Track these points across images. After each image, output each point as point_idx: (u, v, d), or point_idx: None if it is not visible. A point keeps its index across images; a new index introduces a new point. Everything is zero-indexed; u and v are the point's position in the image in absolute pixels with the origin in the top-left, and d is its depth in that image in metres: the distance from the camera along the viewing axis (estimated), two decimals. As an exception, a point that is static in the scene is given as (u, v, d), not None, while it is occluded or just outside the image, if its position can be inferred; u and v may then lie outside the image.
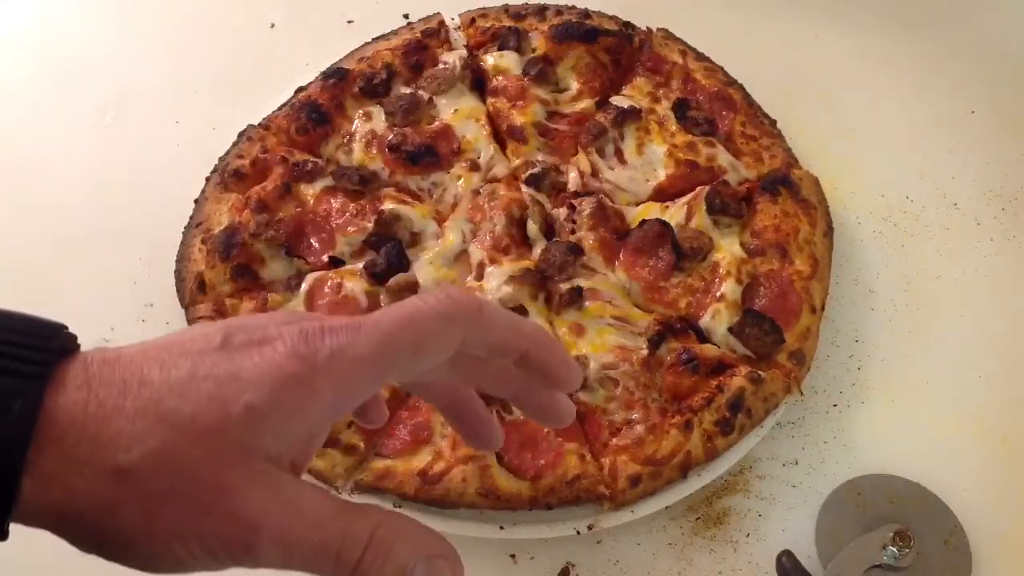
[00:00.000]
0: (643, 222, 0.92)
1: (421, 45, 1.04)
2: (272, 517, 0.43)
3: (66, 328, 0.45)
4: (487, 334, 0.51)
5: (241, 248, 0.90)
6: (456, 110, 1.00)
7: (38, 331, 0.43)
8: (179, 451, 0.41)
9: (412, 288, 0.88)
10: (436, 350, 0.48)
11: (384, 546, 0.45)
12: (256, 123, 1.01)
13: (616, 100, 1.01)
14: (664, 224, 0.91)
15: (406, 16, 1.12)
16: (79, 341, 0.45)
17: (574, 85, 1.03)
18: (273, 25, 1.17)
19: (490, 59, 1.04)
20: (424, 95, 1.00)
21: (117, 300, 0.95)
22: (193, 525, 0.42)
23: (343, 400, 0.46)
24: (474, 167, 0.97)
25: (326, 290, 0.89)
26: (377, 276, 0.89)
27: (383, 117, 0.99)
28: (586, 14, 1.07)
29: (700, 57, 1.05)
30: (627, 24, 1.07)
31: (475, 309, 0.50)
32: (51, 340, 0.43)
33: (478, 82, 1.04)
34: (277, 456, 0.44)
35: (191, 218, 0.95)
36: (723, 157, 0.97)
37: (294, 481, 0.45)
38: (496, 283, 0.88)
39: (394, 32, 1.08)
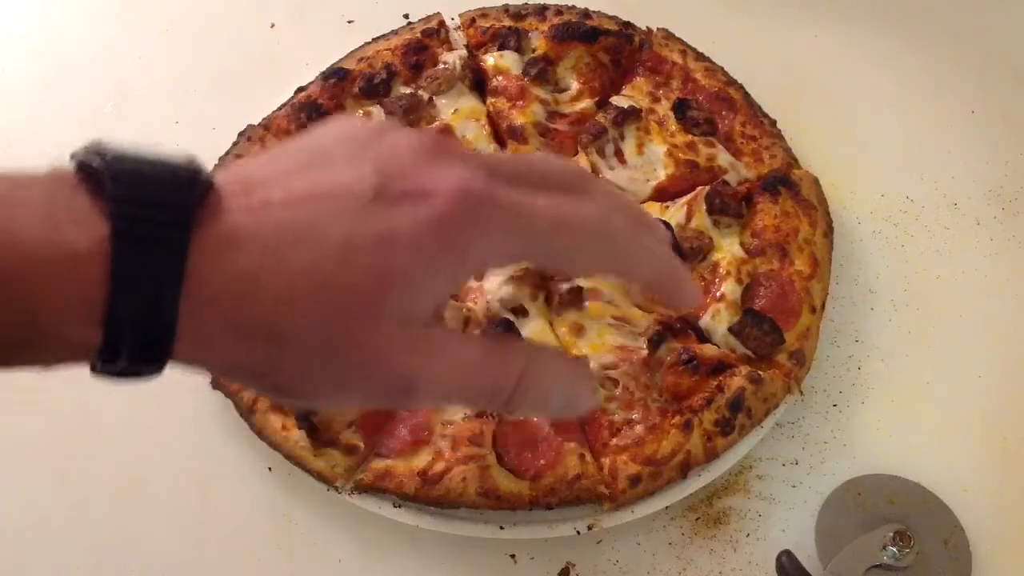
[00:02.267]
0: (643, 222, 0.92)
1: (421, 45, 1.04)
2: (431, 371, 0.44)
3: (200, 171, 0.41)
4: (630, 267, 0.52)
5: (241, 248, 0.90)
6: (456, 110, 1.00)
7: (171, 182, 0.40)
8: (340, 319, 0.42)
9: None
10: (585, 268, 0.50)
11: (533, 379, 0.48)
12: (256, 123, 1.01)
13: (616, 100, 1.01)
14: (664, 224, 0.91)
15: (406, 16, 1.12)
16: (212, 178, 0.42)
17: (574, 85, 1.03)
18: (273, 25, 1.17)
19: (490, 59, 1.04)
20: (424, 95, 1.00)
21: (117, 300, 0.95)
22: (355, 384, 0.44)
23: (481, 268, 0.48)
24: (474, 167, 0.97)
25: (326, 290, 0.89)
26: (377, 276, 0.89)
27: (383, 117, 0.99)
28: (586, 14, 1.07)
29: (700, 57, 1.05)
30: (627, 24, 1.07)
31: (627, 241, 0.50)
32: (187, 191, 0.40)
33: (478, 82, 1.04)
34: (426, 314, 0.45)
35: (191, 218, 0.95)
36: (723, 157, 0.97)
37: (441, 333, 0.46)
38: (496, 283, 0.88)
39: (394, 32, 1.08)
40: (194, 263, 0.39)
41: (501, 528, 0.81)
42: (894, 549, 0.78)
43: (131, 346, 0.39)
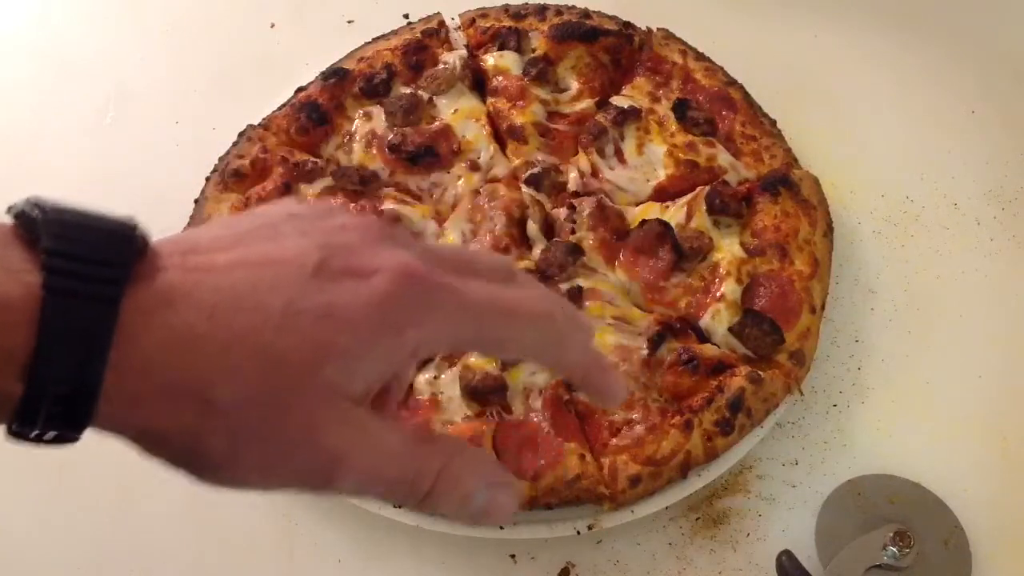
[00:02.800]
0: (643, 222, 0.92)
1: (421, 45, 1.04)
2: (354, 454, 0.43)
3: (136, 228, 0.41)
4: (563, 356, 0.51)
5: (241, 248, 0.90)
6: (456, 110, 1.00)
7: (107, 239, 0.40)
8: (272, 388, 0.41)
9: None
10: (519, 352, 0.49)
11: (452, 477, 0.46)
12: (256, 123, 1.01)
13: (616, 100, 1.00)
14: (664, 224, 0.91)
15: (406, 16, 1.12)
16: (148, 237, 0.42)
17: (574, 85, 1.03)
18: (273, 25, 1.17)
19: (490, 59, 1.04)
20: (424, 95, 1.00)
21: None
22: (278, 460, 0.42)
23: (424, 352, 0.46)
24: (474, 167, 0.97)
25: (326, 290, 0.89)
26: (377, 276, 0.89)
27: (383, 117, 0.99)
28: (586, 14, 1.07)
29: (700, 57, 1.05)
30: (627, 24, 1.06)
31: (564, 332, 0.50)
32: (122, 248, 0.40)
33: (478, 82, 1.04)
34: (361, 395, 0.44)
35: (191, 218, 0.95)
36: (723, 157, 0.97)
37: (373, 417, 0.45)
38: (496, 283, 0.88)
39: (394, 32, 1.08)
40: (126, 321, 0.38)
41: (501, 528, 0.81)
42: (894, 549, 0.78)
43: (52, 402, 0.38)
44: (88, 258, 0.39)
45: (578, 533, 0.81)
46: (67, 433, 0.40)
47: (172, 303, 0.40)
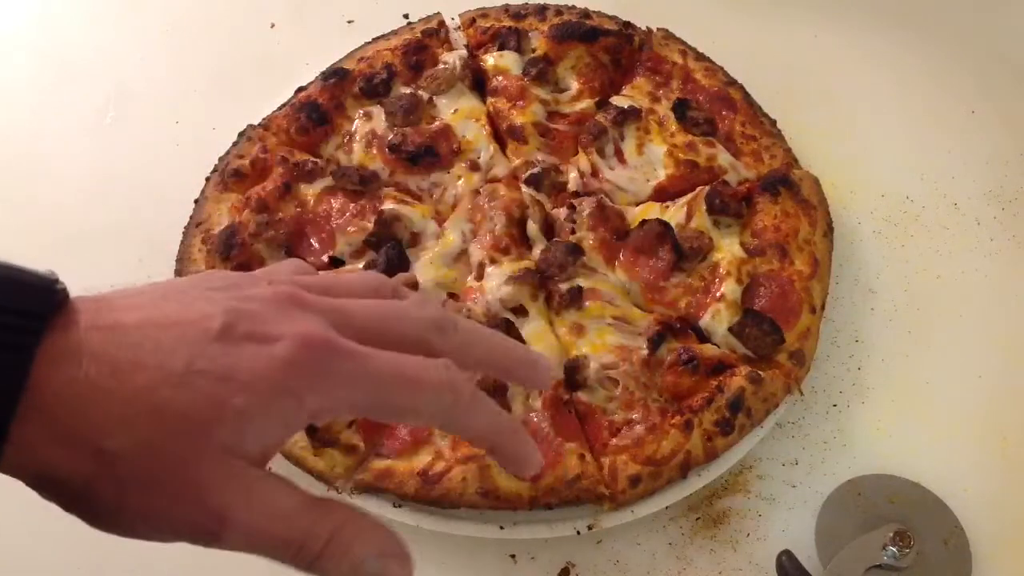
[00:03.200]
0: (643, 222, 0.92)
1: (421, 45, 1.04)
2: (241, 511, 0.44)
3: (56, 282, 0.44)
4: (469, 423, 0.52)
5: (241, 248, 0.90)
6: (456, 110, 1.00)
7: (27, 291, 0.43)
8: (164, 443, 0.42)
9: (412, 288, 0.88)
10: (419, 420, 0.51)
11: (343, 543, 0.47)
12: (256, 123, 1.01)
13: (616, 100, 1.01)
14: (664, 224, 0.91)
15: (406, 16, 1.12)
16: (68, 291, 0.44)
17: (574, 85, 1.03)
18: (273, 25, 1.17)
19: (490, 59, 1.04)
20: (424, 95, 1.00)
21: (117, 300, 0.95)
22: (163, 511, 0.44)
23: (323, 416, 0.47)
24: (474, 167, 0.97)
25: (326, 290, 0.89)
26: (377, 276, 0.89)
27: (383, 117, 0.99)
28: (586, 14, 1.07)
29: (700, 57, 1.05)
30: (627, 24, 1.07)
31: (468, 400, 0.51)
32: (42, 301, 0.43)
33: (478, 82, 1.04)
34: (253, 455, 0.45)
35: (191, 218, 0.95)
36: (723, 157, 0.97)
37: (266, 476, 0.46)
38: (496, 283, 0.88)
39: (394, 32, 1.08)
40: (35, 371, 0.40)
41: (501, 528, 0.81)
42: (894, 549, 0.78)
43: None
44: (6, 307, 0.41)
45: (578, 533, 0.81)
46: None
47: (79, 357, 0.42)
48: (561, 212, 0.95)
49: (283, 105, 1.02)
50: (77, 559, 0.84)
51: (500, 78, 1.02)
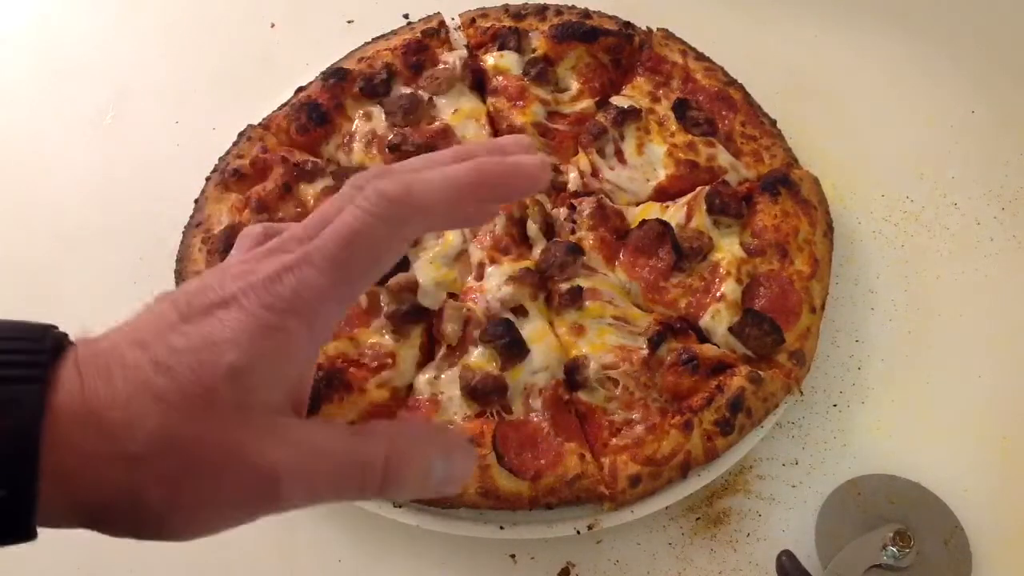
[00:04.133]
0: (643, 222, 0.92)
1: (421, 45, 1.04)
2: (288, 461, 0.44)
3: (55, 328, 0.45)
4: (431, 212, 0.50)
5: (241, 248, 0.90)
6: (456, 110, 1.00)
7: (29, 335, 0.44)
8: (179, 426, 0.42)
9: (412, 288, 0.88)
10: (391, 256, 0.49)
11: (403, 457, 0.47)
12: (256, 123, 1.01)
13: (616, 100, 1.00)
14: (664, 224, 0.91)
15: (406, 16, 1.12)
16: (70, 337, 0.46)
17: (574, 85, 1.03)
18: (273, 25, 1.17)
19: (490, 59, 1.04)
20: (424, 95, 1.00)
21: (117, 300, 0.94)
22: (215, 489, 0.43)
23: (318, 332, 0.47)
24: (474, 167, 0.97)
25: (326, 290, 0.89)
26: (377, 276, 0.89)
27: (383, 117, 0.99)
28: (586, 14, 1.07)
29: (700, 57, 1.05)
30: (627, 24, 1.07)
31: (404, 193, 0.48)
32: (43, 341, 0.44)
33: (478, 82, 1.04)
34: (275, 403, 0.45)
35: (191, 218, 0.95)
36: (723, 157, 0.97)
37: (299, 422, 0.46)
38: (496, 283, 0.88)
39: (394, 32, 1.08)
40: (50, 398, 0.42)
41: (501, 528, 0.81)
42: (894, 549, 0.78)
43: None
44: (16, 349, 0.43)
45: (578, 533, 0.81)
46: (18, 532, 0.43)
47: (80, 379, 0.43)
48: (561, 212, 0.95)
49: (283, 105, 1.02)
50: (77, 560, 0.84)
51: (500, 78, 1.02)
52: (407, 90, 1.01)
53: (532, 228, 0.93)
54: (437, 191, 0.49)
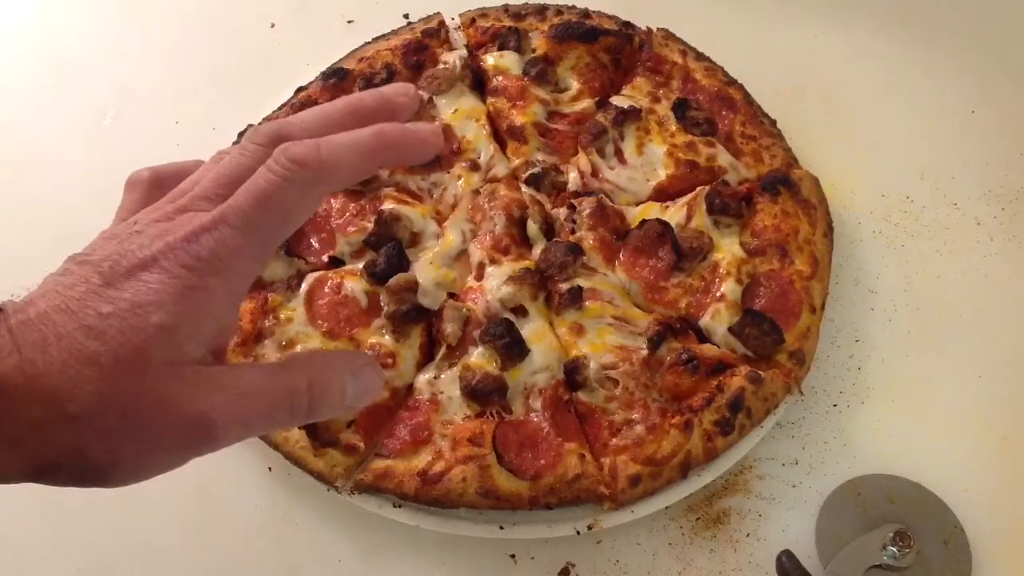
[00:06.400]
0: (643, 222, 0.92)
1: (421, 45, 1.04)
2: (220, 406, 0.48)
3: None
4: (338, 171, 0.54)
5: (241, 248, 0.90)
6: (456, 110, 1.00)
7: None
8: (114, 386, 0.46)
9: (412, 288, 0.88)
10: (302, 215, 0.53)
11: (323, 381, 0.52)
12: (256, 123, 1.00)
13: (616, 100, 1.00)
14: (664, 224, 0.91)
15: (406, 16, 1.12)
16: None
17: (574, 85, 1.03)
18: (273, 25, 1.17)
19: (490, 59, 1.04)
20: (424, 95, 1.00)
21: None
22: (155, 441, 0.47)
23: (236, 288, 0.51)
24: (474, 167, 0.97)
25: (326, 290, 0.89)
26: (377, 276, 0.89)
27: (383, 117, 0.99)
28: (586, 14, 1.07)
29: (700, 57, 1.05)
30: (627, 24, 1.07)
31: (315, 158, 0.52)
32: None
33: (478, 82, 1.04)
34: (201, 356, 0.49)
35: (191, 218, 0.95)
36: (723, 157, 0.97)
37: (225, 368, 0.51)
38: (496, 283, 0.88)
39: (394, 32, 1.08)
40: None
41: (501, 528, 0.81)
42: (894, 549, 0.78)
43: None
44: None
45: (578, 533, 0.81)
46: None
47: (17, 350, 0.46)
48: (561, 212, 0.95)
49: (283, 105, 1.02)
50: (78, 560, 0.84)
51: (500, 78, 1.02)
52: (407, 90, 1.01)
53: (532, 228, 0.93)
54: (344, 156, 0.54)
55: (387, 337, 0.87)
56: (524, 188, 0.96)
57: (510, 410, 0.83)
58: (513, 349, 0.84)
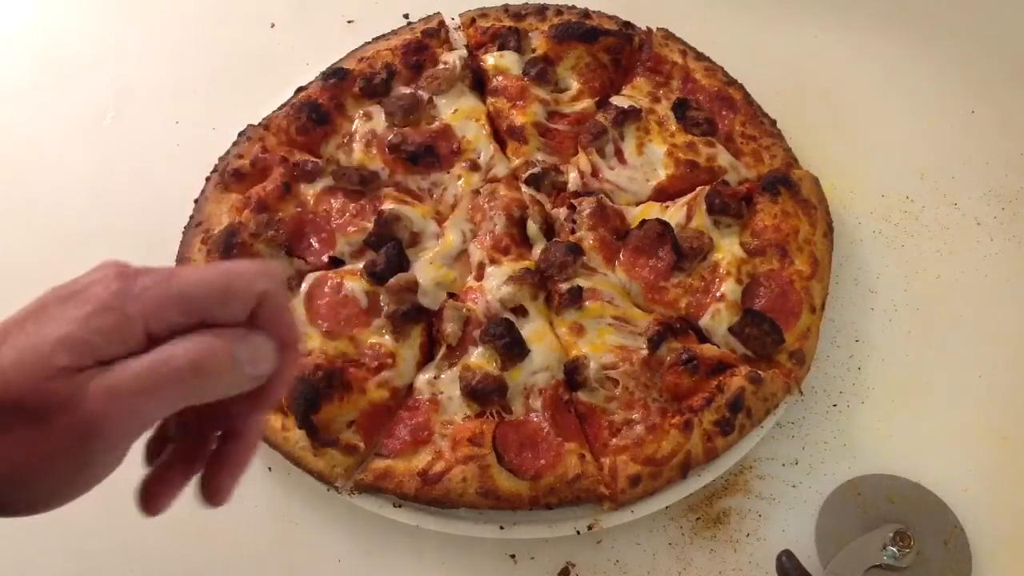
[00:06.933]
0: (643, 222, 0.92)
1: (421, 45, 1.04)
2: (108, 409, 0.50)
3: None
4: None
5: (241, 248, 0.90)
6: (456, 110, 1.00)
7: None
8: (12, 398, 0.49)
9: (412, 288, 0.88)
10: (242, 301, 0.53)
11: (210, 358, 0.52)
12: (256, 123, 1.01)
13: (616, 100, 1.01)
14: (664, 224, 0.91)
15: (406, 16, 1.12)
16: None
17: (574, 85, 1.03)
18: (273, 25, 1.17)
19: (490, 59, 1.04)
20: (424, 95, 1.00)
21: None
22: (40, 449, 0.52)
23: (154, 324, 0.51)
24: (474, 167, 0.97)
25: (326, 290, 0.89)
26: (377, 276, 0.89)
27: (383, 117, 0.99)
28: (586, 14, 1.07)
29: (700, 57, 1.05)
30: (627, 24, 1.07)
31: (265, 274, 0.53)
32: None
33: (478, 82, 1.04)
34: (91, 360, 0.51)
35: (191, 218, 0.95)
36: (723, 157, 0.97)
37: (118, 367, 0.51)
38: (496, 283, 0.88)
39: (394, 32, 1.08)
40: None
41: (501, 528, 0.81)
42: (894, 549, 0.78)
43: None
44: None
45: (578, 533, 0.81)
46: None
47: None
48: (561, 212, 0.95)
49: (283, 105, 1.02)
50: (78, 560, 0.84)
51: (500, 78, 1.02)
52: (407, 90, 1.01)
53: (532, 228, 0.93)
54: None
55: (387, 337, 0.87)
56: (524, 188, 0.96)
57: (510, 410, 0.83)
58: (513, 349, 0.84)
